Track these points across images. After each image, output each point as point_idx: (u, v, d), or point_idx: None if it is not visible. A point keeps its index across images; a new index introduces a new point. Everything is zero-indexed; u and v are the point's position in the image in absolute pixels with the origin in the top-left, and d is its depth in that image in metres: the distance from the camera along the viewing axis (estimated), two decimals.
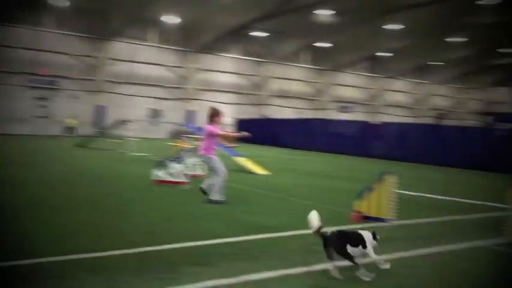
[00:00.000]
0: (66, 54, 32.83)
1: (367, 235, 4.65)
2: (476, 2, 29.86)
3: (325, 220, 7.21)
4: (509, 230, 6.14)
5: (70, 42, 32.94)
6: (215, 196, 8.31)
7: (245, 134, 9.09)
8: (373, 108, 49.37)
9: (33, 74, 31.83)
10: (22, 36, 31.20)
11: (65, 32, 32.16)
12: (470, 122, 51.24)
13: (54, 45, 32.32)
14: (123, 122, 20.42)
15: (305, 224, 6.89)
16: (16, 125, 31.24)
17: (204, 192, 8.51)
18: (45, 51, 32.09)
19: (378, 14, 31.80)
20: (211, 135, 8.44)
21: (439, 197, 7.85)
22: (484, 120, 52.52)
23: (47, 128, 32.87)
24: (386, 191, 7.18)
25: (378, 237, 4.70)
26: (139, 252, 5.10)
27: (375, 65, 47.91)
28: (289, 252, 5.43)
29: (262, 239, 5.97)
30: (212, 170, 8.48)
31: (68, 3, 29.77)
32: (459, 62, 46.70)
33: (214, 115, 8.51)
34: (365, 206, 7.36)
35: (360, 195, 7.42)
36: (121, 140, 20.96)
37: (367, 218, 7.31)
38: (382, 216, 7.23)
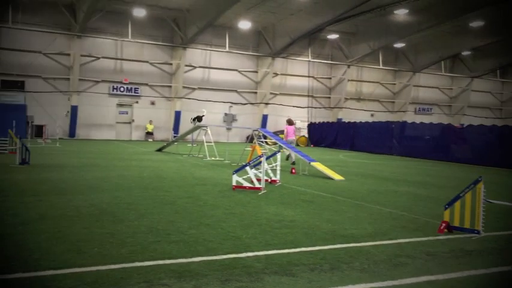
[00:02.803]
0: (146, 62, 34.49)
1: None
2: None
3: (410, 230, 6.95)
4: None
5: (149, 50, 34.49)
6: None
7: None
8: (454, 110, 47.08)
9: (115, 82, 33.72)
10: (104, 46, 33.14)
11: (144, 41, 33.64)
12: None
13: (134, 54, 34.01)
14: (199, 127, 21.00)
15: (388, 234, 6.68)
16: (103, 130, 33.42)
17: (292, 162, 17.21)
18: (126, 60, 33.89)
19: (457, 11, 30.31)
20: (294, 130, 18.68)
21: None
22: None
23: (129, 133, 34.69)
24: (476, 200, 6.76)
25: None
26: (222, 259, 5.16)
27: (455, 65, 45.69)
28: (373, 263, 5.26)
29: (343, 249, 5.83)
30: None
31: (144, 13, 31.37)
32: None
33: (291, 121, 18.89)
34: (451, 216, 6.98)
35: (450, 203, 7.02)
36: (196, 145, 21.55)
37: (454, 229, 6.93)
38: (471, 227, 6.82)
